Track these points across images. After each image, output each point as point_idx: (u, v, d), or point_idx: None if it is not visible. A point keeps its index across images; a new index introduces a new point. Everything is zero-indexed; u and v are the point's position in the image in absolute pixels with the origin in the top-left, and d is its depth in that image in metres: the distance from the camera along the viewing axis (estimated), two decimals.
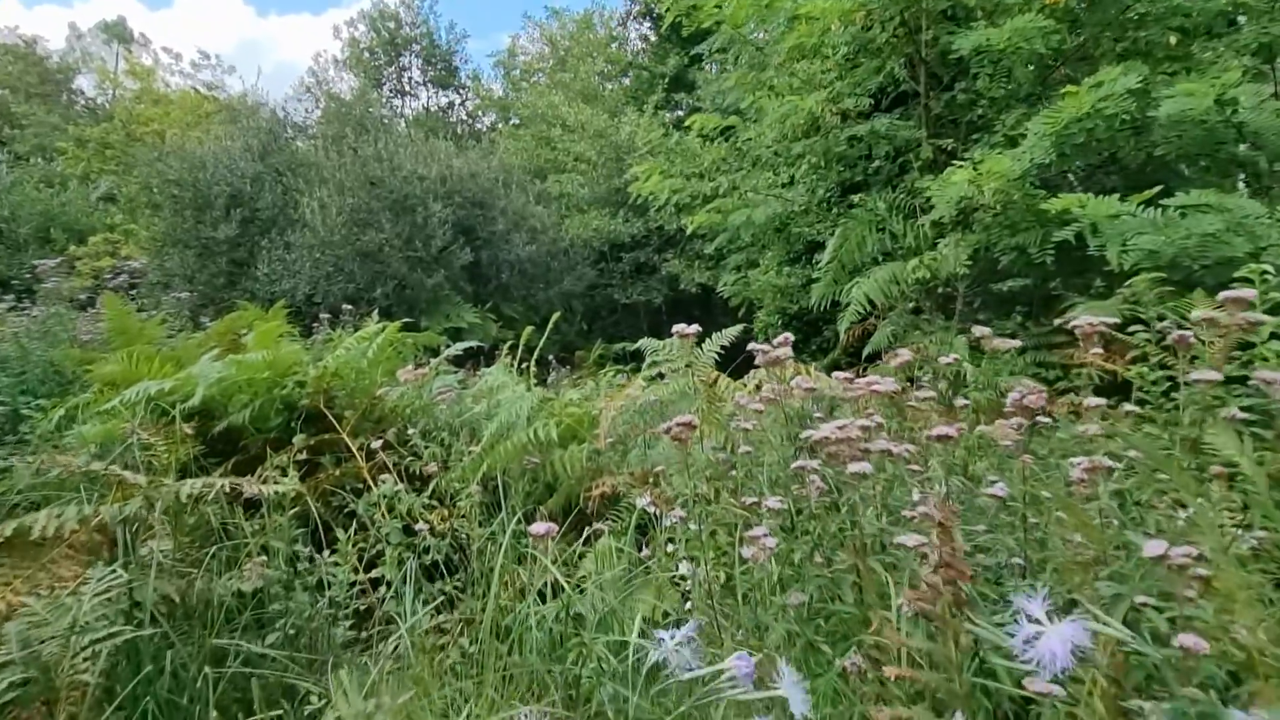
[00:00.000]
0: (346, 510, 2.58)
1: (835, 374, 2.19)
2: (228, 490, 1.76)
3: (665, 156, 5.79)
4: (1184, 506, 1.14)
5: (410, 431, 2.65)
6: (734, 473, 1.94)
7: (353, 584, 2.02)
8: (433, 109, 21.09)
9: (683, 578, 1.61)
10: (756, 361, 1.62)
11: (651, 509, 2.13)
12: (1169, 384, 2.23)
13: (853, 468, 1.11)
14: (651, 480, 2.41)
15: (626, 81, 16.50)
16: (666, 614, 1.78)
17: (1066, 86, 3.17)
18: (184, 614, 1.71)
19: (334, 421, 2.85)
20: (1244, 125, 3.05)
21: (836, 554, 1.33)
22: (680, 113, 13.99)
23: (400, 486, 2.46)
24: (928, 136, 4.30)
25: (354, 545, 2.31)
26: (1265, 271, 1.98)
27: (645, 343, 3.27)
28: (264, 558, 2.00)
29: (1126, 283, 2.61)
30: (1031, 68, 3.87)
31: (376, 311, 5.15)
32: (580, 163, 12.95)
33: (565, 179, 12.89)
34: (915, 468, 1.52)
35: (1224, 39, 3.44)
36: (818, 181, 4.91)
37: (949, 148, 4.28)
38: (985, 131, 4.12)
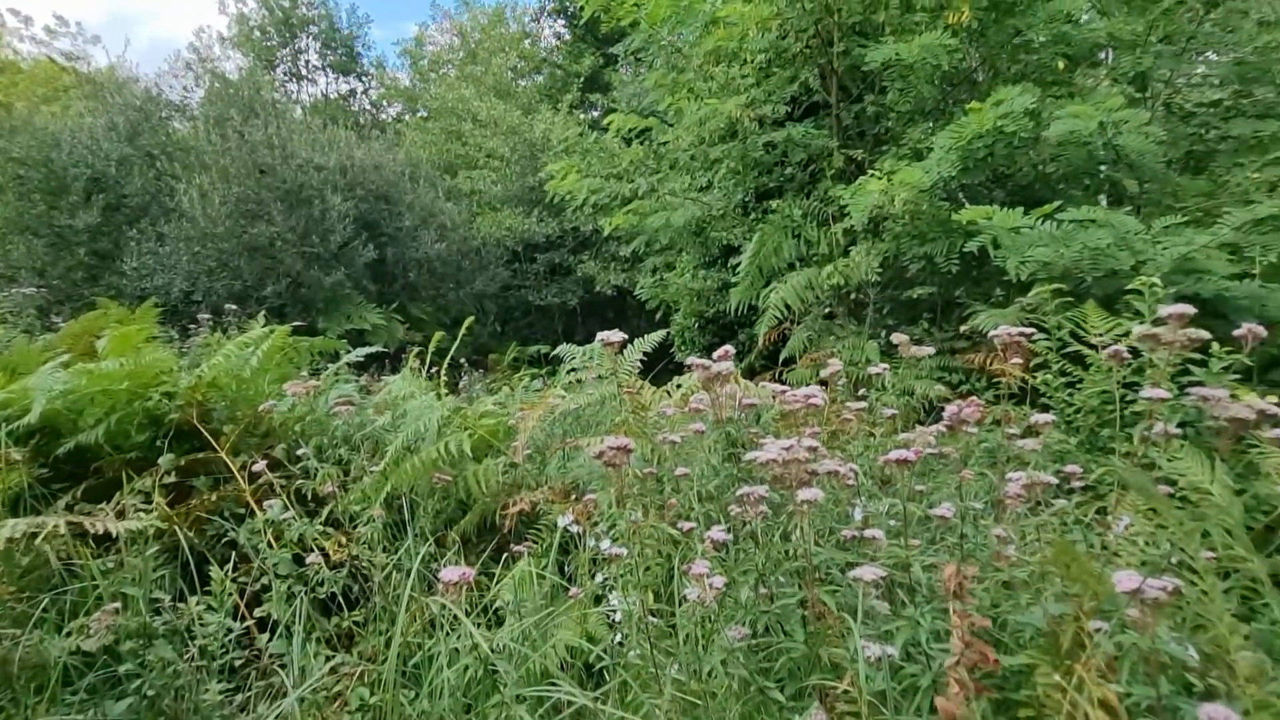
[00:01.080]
0: (225, 540, 2.27)
1: (764, 384, 2.14)
2: (63, 530, 1.45)
3: (582, 156, 5.65)
4: (1117, 522, 1.13)
5: (302, 449, 2.36)
6: (661, 486, 1.83)
7: (229, 630, 1.74)
8: (332, 96, 19.80)
9: (611, 608, 1.48)
10: (695, 378, 1.51)
11: (574, 528, 1.99)
12: (1070, 390, 2.34)
13: (802, 494, 1.03)
14: (574, 496, 2.26)
15: (540, 79, 16.18)
16: (592, 642, 1.64)
17: (969, 104, 3.31)
18: (2, 682, 1.39)
19: (210, 438, 2.51)
20: (1121, 148, 3.29)
21: (777, 578, 1.24)
22: (595, 113, 13.87)
23: (290, 511, 2.19)
24: (839, 146, 4.40)
25: (234, 580, 2.02)
26: (1154, 284, 2.10)
27: (565, 349, 3.12)
28: (117, 604, 1.69)
29: (1029, 292, 2.74)
30: (935, 85, 4.03)
31: (264, 312, 4.67)
32: (493, 159, 12.54)
33: (477, 175, 12.44)
34: (851, 482, 1.47)
35: (1102, 67, 3.72)
36: (735, 186, 4.92)
37: (858, 158, 4.39)
38: (892, 144, 4.26)
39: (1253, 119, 3.48)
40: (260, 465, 2.27)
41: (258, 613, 1.96)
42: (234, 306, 5.68)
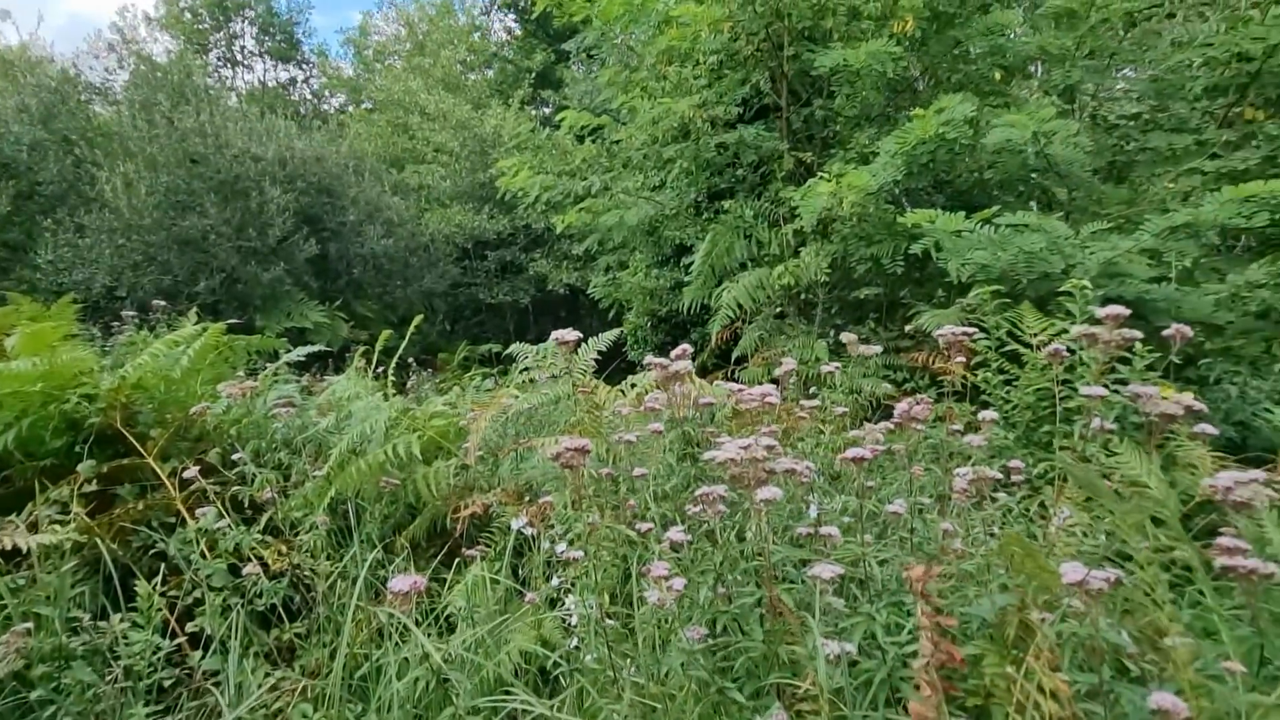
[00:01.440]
0: (154, 551, 2.13)
1: (718, 383, 2.15)
2: None
3: (534, 152, 5.57)
4: (1058, 514, 1.17)
5: (238, 453, 2.24)
6: (618, 487, 1.81)
7: (157, 648, 1.63)
8: (270, 84, 18.95)
9: (567, 611, 1.45)
10: (653, 376, 1.50)
11: (529, 530, 1.96)
12: (1008, 387, 2.44)
13: (762, 494, 1.03)
14: (527, 498, 2.22)
15: (490, 73, 15.90)
16: (547, 648, 1.61)
17: (912, 111, 3.42)
18: None
19: (136, 443, 2.35)
20: (1051, 157, 3.45)
21: (735, 577, 1.24)
22: (547, 110, 13.73)
23: (225, 519, 2.07)
24: (789, 149, 4.47)
25: (163, 595, 1.90)
26: (1084, 286, 2.21)
27: (517, 348, 3.07)
28: (28, 625, 1.55)
29: (969, 293, 2.84)
30: (880, 91, 4.14)
31: (197, 309, 4.42)
32: (441, 154, 12.24)
33: (425, 170, 12.13)
34: (806, 480, 1.48)
35: (1034, 79, 3.90)
36: (688, 186, 4.94)
37: (808, 160, 4.48)
38: (840, 147, 4.36)
39: (1168, 132, 3.70)
40: (192, 471, 2.15)
41: (190, 628, 1.85)
42: (163, 303, 5.35)
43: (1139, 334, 1.10)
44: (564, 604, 1.44)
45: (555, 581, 1.57)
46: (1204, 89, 3.64)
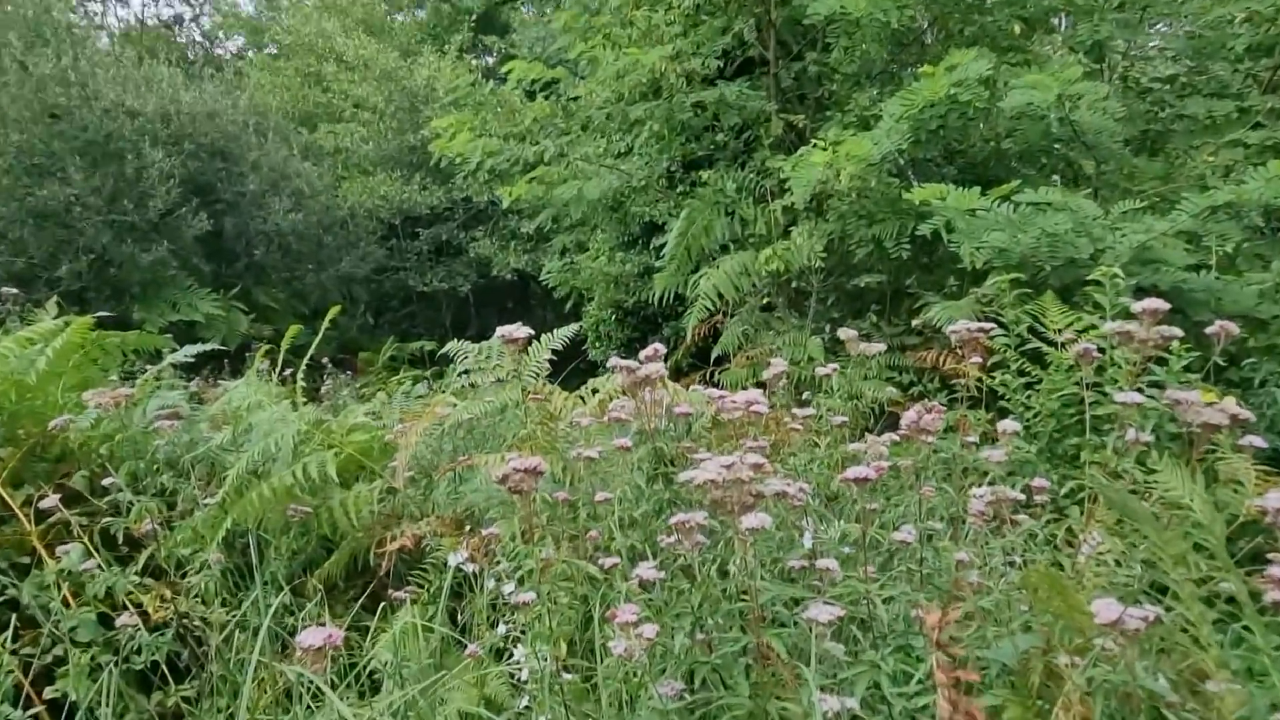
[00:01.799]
0: (2, 599, 2.06)
1: (695, 387, 2.15)
2: None
3: (475, 110, 5.51)
4: (1087, 541, 1.20)
5: (110, 477, 2.18)
6: (576, 514, 1.81)
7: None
8: (151, 23, 18.39)
9: (516, 664, 1.44)
10: (618, 381, 1.49)
11: (469, 567, 1.94)
12: (1029, 392, 2.50)
13: (747, 521, 1.03)
14: (468, 528, 2.20)
15: (422, 15, 15.68)
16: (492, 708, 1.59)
17: (920, 69, 3.48)
18: None
19: None
20: (1078, 125, 3.55)
21: (716, 621, 1.25)
22: (491, 59, 13.61)
23: (94, 558, 2.03)
24: (777, 110, 4.51)
25: (14, 653, 1.84)
26: (1115, 275, 2.28)
27: (454, 346, 3.04)
28: None
29: (984, 282, 2.90)
30: (883, 44, 4.20)
31: (57, 298, 4.27)
32: (363, 110, 12.04)
33: (342, 130, 11.90)
34: (799, 503, 1.49)
35: (1058, 34, 4.00)
36: (659, 153, 4.95)
37: (799, 125, 4.52)
38: (836, 109, 4.41)
39: (1207, 98, 3.84)
40: (52, 499, 2.09)
41: (49, 693, 1.80)
42: (14, 291, 5.14)
43: (1179, 331, 1.14)
44: (512, 656, 1.43)
45: (502, 629, 1.56)
46: (1246, 48, 3.78)
